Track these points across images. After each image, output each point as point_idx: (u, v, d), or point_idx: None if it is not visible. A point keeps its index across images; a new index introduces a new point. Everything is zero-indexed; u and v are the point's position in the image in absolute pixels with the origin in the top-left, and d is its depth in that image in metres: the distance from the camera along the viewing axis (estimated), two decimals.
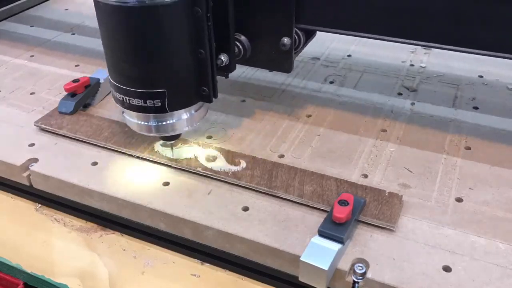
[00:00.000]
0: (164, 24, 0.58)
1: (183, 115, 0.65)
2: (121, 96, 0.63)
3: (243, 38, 0.68)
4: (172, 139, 0.70)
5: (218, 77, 0.66)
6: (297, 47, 0.70)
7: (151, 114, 0.64)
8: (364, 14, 0.64)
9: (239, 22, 0.66)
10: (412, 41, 0.65)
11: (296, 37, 0.69)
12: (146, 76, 0.61)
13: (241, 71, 0.95)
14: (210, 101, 0.65)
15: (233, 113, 0.83)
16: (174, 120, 0.65)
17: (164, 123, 0.65)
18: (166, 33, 0.58)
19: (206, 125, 0.79)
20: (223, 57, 0.66)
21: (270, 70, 0.83)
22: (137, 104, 0.62)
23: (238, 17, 0.66)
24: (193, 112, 0.66)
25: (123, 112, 0.67)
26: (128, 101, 0.63)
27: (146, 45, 0.59)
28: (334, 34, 1.08)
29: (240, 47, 0.69)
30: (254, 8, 0.67)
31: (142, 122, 0.66)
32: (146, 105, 0.62)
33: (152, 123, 0.65)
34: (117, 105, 0.65)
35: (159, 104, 0.62)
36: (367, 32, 0.66)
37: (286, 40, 0.67)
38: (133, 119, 0.66)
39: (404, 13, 0.63)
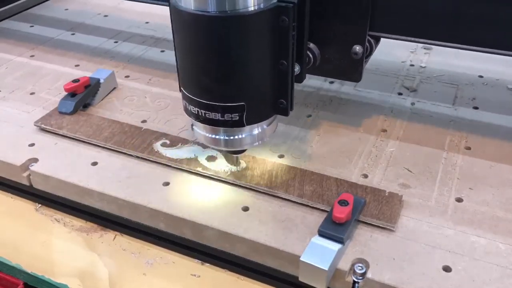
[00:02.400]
0: (248, 35, 0.54)
1: (255, 130, 0.61)
2: (196, 109, 0.59)
3: (312, 45, 0.66)
4: (239, 153, 0.67)
5: None
6: (368, 55, 0.68)
7: (221, 128, 0.60)
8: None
9: (310, 29, 0.63)
10: (401, 37, 0.65)
11: (367, 44, 0.66)
12: (226, 89, 0.57)
13: None
14: (287, 114, 0.61)
15: None
16: (244, 135, 0.61)
17: (234, 137, 0.61)
18: (250, 44, 0.55)
19: None
20: (296, 67, 0.61)
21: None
22: (214, 118, 0.58)
23: (310, 24, 0.62)
24: (264, 126, 0.62)
25: (192, 125, 0.64)
26: (203, 115, 0.59)
27: (229, 57, 0.55)
28: None
29: (310, 55, 0.66)
30: (327, 15, 0.64)
31: (211, 135, 0.62)
32: (223, 119, 0.58)
33: (221, 137, 0.61)
34: (191, 118, 0.62)
35: (237, 118, 0.58)
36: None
37: (358, 48, 0.64)
38: (201, 131, 0.62)
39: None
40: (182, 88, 0.61)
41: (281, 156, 0.73)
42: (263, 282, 0.62)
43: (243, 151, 0.66)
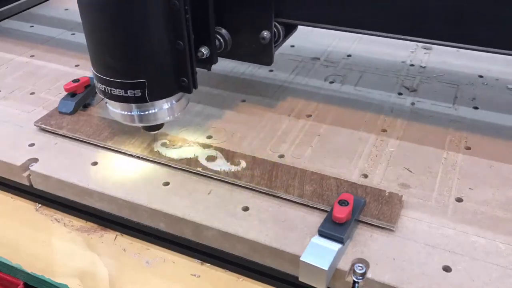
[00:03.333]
0: (142, 16, 0.59)
1: (164, 105, 0.67)
2: (103, 86, 0.65)
3: (224, 31, 0.70)
4: (155, 129, 0.71)
5: (218, 76, 0.67)
6: (276, 40, 0.72)
7: (133, 104, 0.66)
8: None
9: (220, 15, 0.69)
10: (401, 36, 0.66)
11: (275, 30, 0.71)
12: (126, 67, 0.63)
13: (241, 71, 0.95)
14: (189, 92, 0.67)
15: (233, 113, 0.83)
16: (155, 110, 0.67)
17: (146, 112, 0.67)
18: (144, 24, 0.60)
19: (206, 125, 0.79)
20: (204, 50, 0.67)
21: (251, 63, 0.84)
22: (118, 94, 0.64)
23: (219, 10, 0.68)
24: (174, 102, 0.68)
25: (106, 103, 0.69)
26: (109, 91, 0.64)
27: (125, 36, 0.60)
28: (334, 34, 1.09)
29: (221, 40, 0.70)
30: (234, 1, 0.69)
31: (125, 112, 0.67)
32: (127, 95, 0.64)
33: (134, 113, 0.67)
34: (100, 95, 0.67)
35: (140, 94, 0.64)
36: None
37: (265, 33, 0.69)
38: (116, 110, 0.68)
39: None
40: (91, 67, 0.66)
41: (281, 156, 0.73)
42: (263, 282, 0.62)
43: (160, 127, 0.71)
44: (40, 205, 0.74)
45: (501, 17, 0.59)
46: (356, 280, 0.55)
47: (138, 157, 0.72)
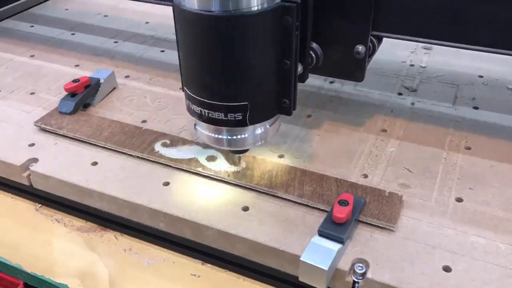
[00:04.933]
0: (251, 35, 0.54)
1: (258, 129, 0.61)
2: (200, 109, 0.59)
3: (315, 45, 0.66)
4: (241, 152, 0.67)
5: None
6: (370, 55, 0.68)
7: (224, 128, 0.60)
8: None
9: (313, 29, 0.63)
10: (401, 37, 0.65)
11: (370, 44, 0.66)
12: (229, 89, 0.57)
13: None
14: (289, 114, 0.61)
15: None
16: (247, 135, 0.61)
17: (237, 137, 0.61)
18: (253, 44, 0.55)
19: None
20: (299, 67, 0.61)
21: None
22: (217, 117, 0.58)
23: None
24: (267, 126, 0.62)
25: (195, 124, 0.63)
26: (207, 114, 0.59)
27: (232, 57, 0.55)
28: None
29: (313, 55, 0.66)
30: (330, 15, 0.64)
31: (214, 135, 0.61)
32: (227, 118, 0.58)
33: (224, 136, 0.61)
34: (193, 117, 0.61)
35: (240, 117, 0.58)
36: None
37: (360, 48, 0.65)
38: (203, 131, 0.62)
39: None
40: (185, 88, 0.60)
41: (281, 156, 0.73)
42: (263, 282, 0.62)
43: (246, 150, 0.66)
44: (40, 205, 0.74)
45: (501, 17, 0.59)
46: (356, 280, 0.55)
47: (138, 157, 0.72)
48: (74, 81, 0.83)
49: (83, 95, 0.83)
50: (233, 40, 0.54)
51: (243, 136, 0.61)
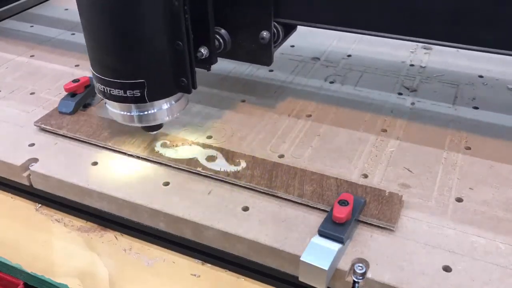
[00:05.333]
0: (142, 15, 0.59)
1: (164, 105, 0.67)
2: (102, 86, 0.65)
3: (223, 31, 0.71)
4: (155, 129, 0.72)
5: (218, 76, 0.66)
6: (276, 40, 0.72)
7: (133, 105, 0.66)
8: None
9: (220, 15, 0.68)
10: (400, 37, 0.66)
11: (275, 30, 0.71)
12: (125, 67, 0.63)
13: (241, 71, 0.95)
14: (189, 92, 0.67)
15: (233, 113, 0.83)
16: (155, 110, 0.67)
17: (145, 113, 0.67)
18: (143, 24, 0.60)
19: (206, 125, 0.79)
20: (203, 50, 0.67)
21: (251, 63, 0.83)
22: (117, 94, 0.64)
23: (218, 10, 0.68)
24: (173, 102, 0.68)
25: (105, 103, 0.70)
26: (109, 92, 0.65)
27: (124, 36, 0.61)
28: (334, 34, 1.09)
29: (221, 40, 0.71)
30: (234, 2, 0.69)
31: (125, 112, 0.68)
32: (126, 95, 0.64)
33: (134, 113, 0.67)
34: (99, 96, 0.68)
35: (139, 94, 0.64)
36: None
37: (265, 33, 0.69)
38: (116, 110, 0.68)
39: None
40: (91, 68, 0.66)
41: (281, 156, 0.73)
42: (263, 282, 0.62)
43: (159, 127, 0.72)
44: (40, 205, 0.74)
45: (501, 18, 0.59)
46: (356, 280, 0.55)
47: (138, 157, 0.72)
48: (74, 81, 0.83)
49: (83, 95, 0.83)
50: (124, 19, 0.59)
51: (151, 111, 0.67)
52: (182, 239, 0.65)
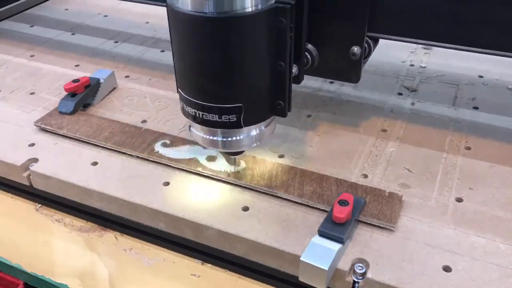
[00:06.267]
0: (245, 37, 0.54)
1: (253, 131, 0.61)
2: (194, 110, 0.59)
3: (310, 47, 0.66)
4: (236, 154, 0.67)
5: None
6: (366, 56, 0.68)
7: (219, 129, 0.60)
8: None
9: (308, 30, 0.63)
10: (402, 38, 0.65)
11: (366, 46, 0.66)
12: (223, 91, 0.57)
13: None
14: (284, 116, 0.61)
15: None
16: (242, 136, 0.61)
17: (232, 138, 0.61)
18: (247, 45, 0.54)
19: None
20: (294, 68, 0.61)
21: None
22: (211, 119, 0.58)
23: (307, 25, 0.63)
24: (263, 128, 0.61)
25: (190, 126, 0.63)
26: (201, 116, 0.59)
27: (226, 58, 0.55)
28: None
29: (309, 56, 0.66)
30: (325, 16, 0.64)
31: (208, 137, 0.61)
32: (221, 120, 0.58)
33: (219, 138, 0.61)
34: (187, 119, 0.61)
35: (235, 119, 0.58)
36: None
37: (356, 49, 0.64)
38: (198, 133, 0.62)
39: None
40: (179, 89, 0.60)
41: (281, 156, 0.73)
42: (263, 282, 0.62)
43: (241, 152, 0.66)
44: (40, 205, 0.74)
45: (501, 19, 0.59)
46: (356, 280, 0.55)
47: (138, 157, 0.72)
48: (74, 81, 0.83)
49: (83, 95, 0.83)
50: (227, 41, 0.53)
51: (238, 138, 0.61)
52: (182, 239, 0.65)
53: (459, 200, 0.65)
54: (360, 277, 0.54)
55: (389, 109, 0.83)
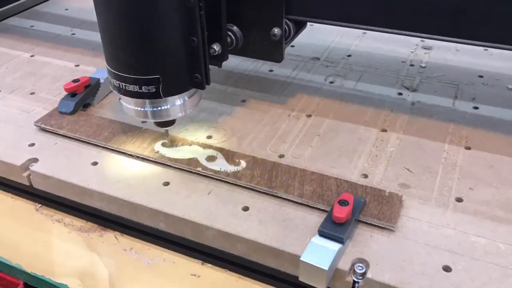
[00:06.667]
0: (158, 12, 0.60)
1: (177, 101, 0.68)
2: (118, 82, 0.65)
3: (235, 28, 0.71)
4: (167, 125, 0.72)
5: (218, 76, 0.66)
6: (287, 37, 0.73)
7: (147, 100, 0.66)
8: (352, 4, 0.67)
9: (232, 13, 0.69)
10: (404, 32, 0.66)
11: (286, 27, 0.71)
12: (141, 63, 0.63)
13: (240, 71, 0.95)
14: (203, 88, 0.67)
15: (233, 113, 0.83)
16: (168, 106, 0.68)
17: (159, 108, 0.67)
18: (159, 20, 0.61)
19: (206, 125, 0.79)
20: (216, 46, 0.68)
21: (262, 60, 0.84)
22: (132, 90, 0.65)
23: (230, 8, 0.68)
24: (186, 98, 0.69)
25: (119, 99, 0.70)
26: (124, 87, 0.65)
27: (141, 32, 0.61)
28: (334, 33, 1.09)
29: (233, 37, 0.71)
30: None
31: (139, 108, 0.68)
32: (141, 91, 0.64)
33: (147, 109, 0.68)
34: (114, 91, 0.68)
35: (154, 90, 0.64)
36: (353, 23, 0.68)
37: (276, 30, 0.70)
38: (130, 105, 0.69)
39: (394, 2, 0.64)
40: (106, 64, 0.66)
41: (281, 156, 0.73)
42: (263, 282, 0.62)
43: (171, 122, 0.71)
44: (40, 205, 0.74)
45: (504, 12, 0.59)
46: (356, 280, 0.55)
47: (138, 157, 0.72)
48: (74, 81, 0.83)
49: (83, 95, 0.83)
50: (140, 15, 0.60)
51: (164, 107, 0.67)
52: (182, 239, 0.65)
53: (459, 200, 0.65)
54: (360, 277, 0.54)
55: (389, 109, 0.83)
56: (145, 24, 0.60)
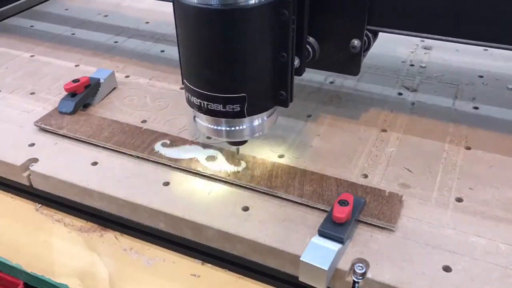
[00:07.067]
0: (249, 28, 0.55)
1: (255, 121, 0.63)
2: (199, 101, 0.60)
3: (311, 39, 0.67)
4: (239, 144, 0.68)
5: None
6: (366, 49, 0.69)
7: (223, 119, 0.62)
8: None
9: (310, 24, 0.64)
10: (404, 32, 0.66)
11: (365, 39, 0.67)
12: (227, 81, 0.58)
13: None
14: (286, 106, 0.63)
15: None
16: (245, 126, 0.63)
17: (235, 128, 0.62)
18: (250, 36, 0.56)
19: None
20: (295, 61, 0.63)
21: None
22: (215, 109, 0.60)
23: (309, 19, 0.64)
24: (265, 118, 0.63)
25: (194, 116, 0.65)
26: (205, 106, 0.60)
27: (230, 49, 0.56)
28: None
29: (310, 49, 0.67)
30: (326, 9, 0.65)
31: (213, 126, 0.63)
32: (225, 110, 0.60)
33: (223, 128, 0.63)
34: (192, 109, 0.63)
35: (238, 109, 0.59)
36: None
37: (356, 42, 0.66)
38: (203, 122, 0.64)
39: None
40: (185, 80, 0.62)
41: (281, 156, 0.73)
42: (263, 282, 0.62)
43: (244, 142, 0.67)
44: (40, 205, 0.74)
45: (504, 12, 0.59)
46: (356, 280, 0.55)
47: (138, 157, 0.72)
48: (74, 81, 0.83)
49: (83, 95, 0.83)
50: (231, 33, 0.55)
51: (241, 127, 0.62)
52: (182, 239, 0.65)
53: (459, 200, 0.65)
54: (360, 277, 0.54)
55: (389, 109, 0.83)
56: (237, 42, 0.56)
